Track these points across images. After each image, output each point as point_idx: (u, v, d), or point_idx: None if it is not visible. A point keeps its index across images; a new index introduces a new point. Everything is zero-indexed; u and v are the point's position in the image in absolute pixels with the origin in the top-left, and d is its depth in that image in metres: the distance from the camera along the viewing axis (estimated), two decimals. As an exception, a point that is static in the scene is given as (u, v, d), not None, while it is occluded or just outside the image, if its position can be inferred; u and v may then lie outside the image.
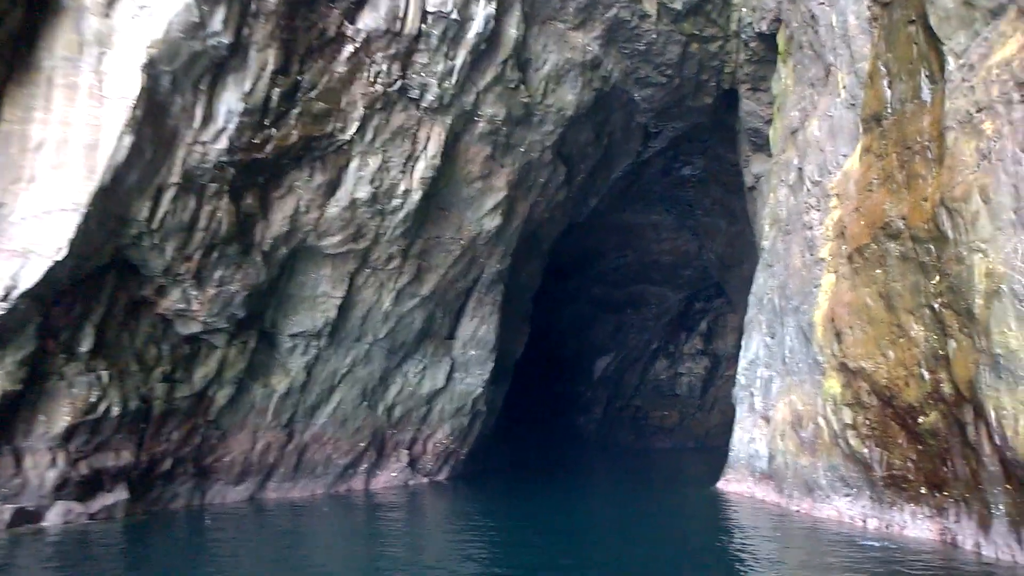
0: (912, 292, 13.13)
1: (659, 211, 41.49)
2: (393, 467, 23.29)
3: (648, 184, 38.65)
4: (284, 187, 17.39)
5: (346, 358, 20.59)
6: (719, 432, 49.39)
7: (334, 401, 20.73)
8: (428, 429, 24.21)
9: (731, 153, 36.55)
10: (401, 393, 22.76)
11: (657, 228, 42.33)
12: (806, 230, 17.56)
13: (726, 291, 45.16)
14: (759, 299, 22.41)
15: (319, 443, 20.75)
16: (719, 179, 38.12)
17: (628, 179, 35.72)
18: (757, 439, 20.77)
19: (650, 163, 35.93)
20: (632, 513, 19.69)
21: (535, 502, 21.86)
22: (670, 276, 44.89)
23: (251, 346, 18.26)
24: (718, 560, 13.31)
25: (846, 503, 15.88)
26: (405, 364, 22.59)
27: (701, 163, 37.51)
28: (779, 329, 19.70)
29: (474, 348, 24.54)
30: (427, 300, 21.85)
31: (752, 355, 22.58)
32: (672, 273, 44.72)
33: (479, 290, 24.01)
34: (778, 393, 19.42)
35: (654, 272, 44.54)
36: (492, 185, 21.87)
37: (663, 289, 45.55)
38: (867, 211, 14.48)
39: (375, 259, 19.79)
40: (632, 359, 47.97)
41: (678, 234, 42.78)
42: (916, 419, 13.26)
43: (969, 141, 11.63)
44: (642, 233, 42.50)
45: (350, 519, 18.86)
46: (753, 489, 20.68)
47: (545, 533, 16.14)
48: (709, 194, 39.62)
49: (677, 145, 35.84)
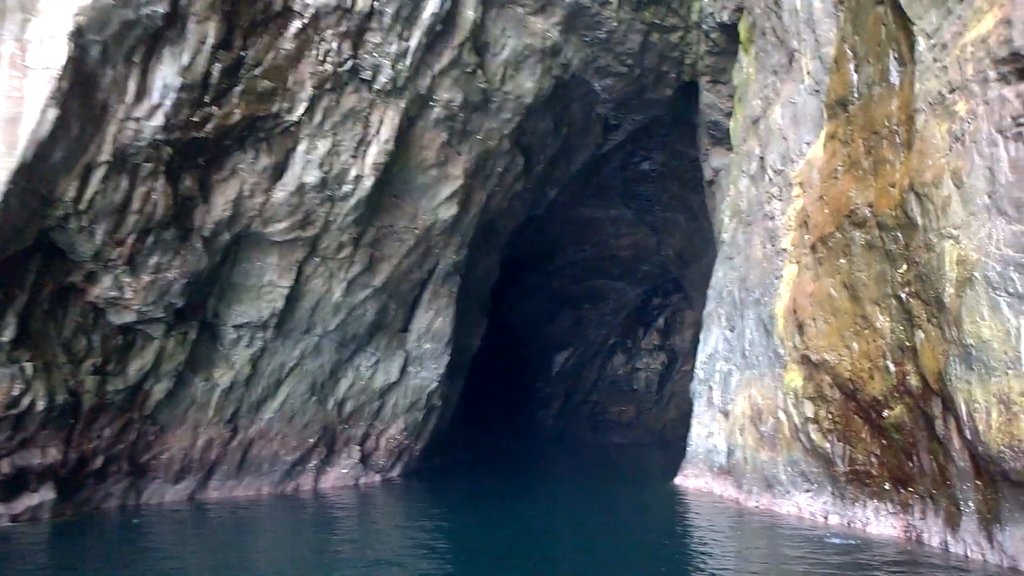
0: (878, 282, 12.52)
1: (618, 206, 40.90)
2: (344, 464, 22.26)
3: (607, 179, 38.07)
4: (227, 169, 16.28)
5: (294, 351, 19.52)
6: (675, 427, 49.04)
7: (281, 395, 19.65)
8: (381, 424, 23.21)
9: (690, 148, 36.10)
10: (353, 387, 21.73)
11: (616, 223, 41.71)
12: (767, 220, 16.93)
13: (684, 286, 44.75)
14: (718, 292, 21.80)
15: (265, 439, 19.66)
16: (678, 174, 37.65)
17: (587, 173, 35.08)
18: (716, 434, 20.15)
19: (609, 157, 35.32)
20: (589, 510, 18.94)
21: (490, 499, 21.04)
22: (628, 271, 44.34)
23: (191, 337, 17.11)
24: (678, 559, 12.59)
25: (807, 499, 15.27)
26: (357, 357, 21.57)
27: (660, 158, 37.00)
28: (739, 322, 19.09)
29: (429, 341, 23.60)
30: (380, 291, 20.85)
31: (711, 349, 21.98)
32: (630, 268, 44.17)
33: (434, 282, 23.07)
34: (737, 387, 18.81)
35: (613, 267, 43.95)
36: (448, 173, 20.93)
37: (621, 284, 44.99)
38: (831, 199, 13.86)
39: (325, 248, 18.75)
40: (590, 354, 47.35)
41: (637, 229, 42.22)
42: (881, 413, 12.66)
43: (941, 123, 11.01)
44: (601, 228, 41.87)
45: (295, 518, 17.82)
46: (711, 484, 20.06)
47: (499, 532, 15.32)
48: (668, 189, 39.13)
49: (636, 139, 35.32)
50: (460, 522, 17.09)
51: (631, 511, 18.32)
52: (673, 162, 36.94)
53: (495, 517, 17.53)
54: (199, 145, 15.42)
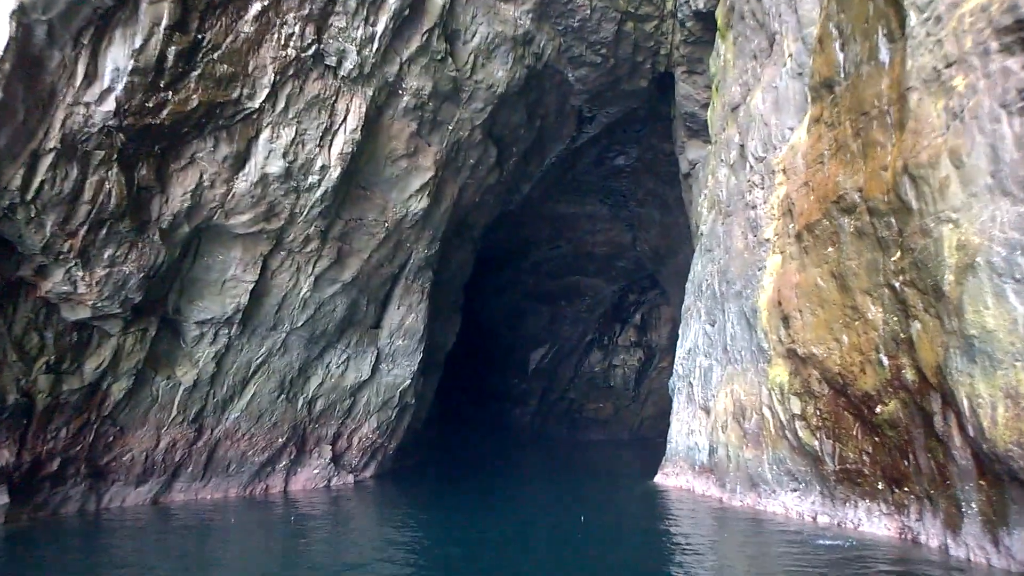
0: (869, 271, 11.76)
1: (593, 202, 40.16)
2: (315, 464, 21.27)
3: (582, 174, 37.33)
4: (185, 158, 15.23)
5: (261, 348, 18.49)
6: (653, 424, 48.41)
7: (248, 394, 18.62)
8: (353, 423, 22.24)
9: (665, 143, 35.46)
10: (323, 385, 20.74)
11: (591, 219, 40.96)
12: (749, 210, 16.17)
13: (660, 282, 44.12)
14: (697, 286, 21.05)
15: (232, 439, 18.62)
16: (653, 169, 36.99)
17: (562, 167, 34.30)
18: (696, 431, 19.41)
19: (584, 152, 34.56)
20: (568, 510, 18.07)
21: (466, 500, 20.12)
22: (604, 267, 43.62)
23: (151, 334, 16.05)
24: (662, 562, 11.79)
25: (794, 498, 14.53)
26: (327, 354, 20.59)
27: (635, 152, 36.31)
28: (719, 316, 18.34)
29: (401, 338, 22.66)
30: (349, 286, 19.88)
31: (690, 344, 21.23)
32: (606, 264, 43.45)
33: (406, 277, 22.13)
34: (719, 383, 18.06)
35: (588, 263, 43.20)
36: (418, 164, 20.00)
37: (597, 280, 44.25)
38: (817, 185, 13.10)
39: (291, 241, 17.74)
40: (567, 351, 46.58)
41: (612, 225, 41.50)
42: (873, 409, 11.92)
43: (936, 101, 10.26)
44: (576, 224, 41.10)
45: (264, 521, 16.80)
46: (693, 483, 19.31)
47: (474, 534, 14.45)
48: (643, 185, 38.46)
49: (611, 134, 34.60)
50: (433, 524, 16.21)
51: (611, 512, 17.51)
52: (648, 157, 36.28)
53: (470, 519, 16.65)
54: (155, 132, 14.36)
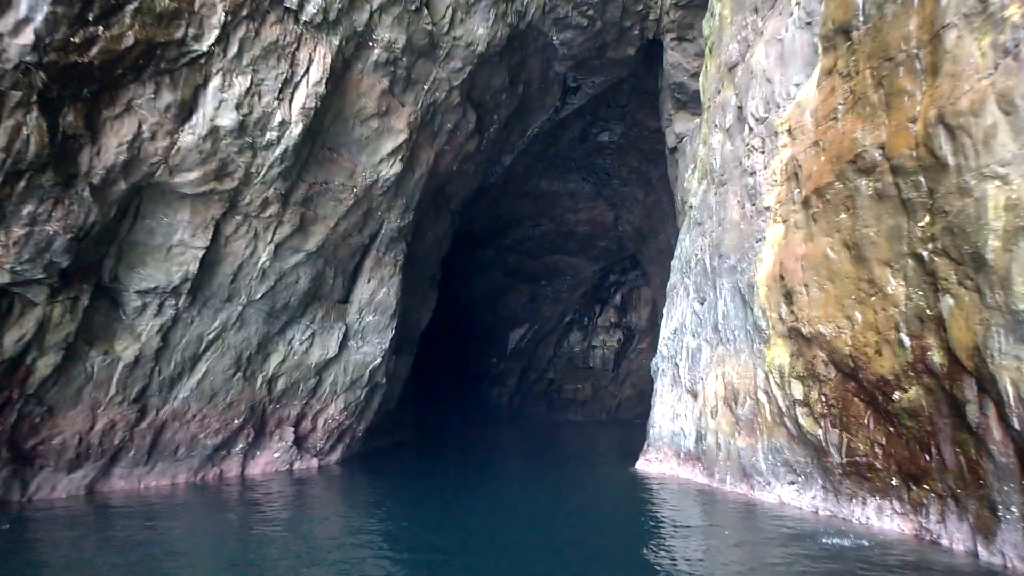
0: (890, 238, 10.03)
1: (576, 179, 38.39)
2: (275, 447, 19.42)
3: (565, 150, 35.53)
4: (120, 105, 13.22)
5: (214, 321, 16.55)
6: (630, 405, 46.88)
7: (199, 371, 16.69)
8: (318, 404, 20.37)
9: (651, 119, 33.70)
10: (285, 363, 18.83)
11: (574, 197, 39.18)
12: (747, 176, 14.40)
13: (641, 263, 42.43)
14: (685, 262, 19.30)
15: (181, 421, 16.71)
16: (638, 146, 35.24)
17: (545, 142, 32.49)
18: (682, 416, 17.72)
19: (568, 126, 32.75)
20: (547, 497, 16.33)
21: (439, 485, 18.25)
22: (585, 247, 41.87)
23: (84, 303, 14.07)
24: (653, 563, 10.08)
25: (791, 491, 12.85)
26: (289, 330, 18.67)
27: (620, 129, 34.56)
28: (710, 293, 16.61)
29: (372, 313, 20.78)
30: (314, 256, 17.95)
31: (676, 323, 19.50)
32: (588, 244, 41.70)
33: (377, 248, 20.21)
34: (708, 364, 16.36)
35: (570, 242, 41.45)
36: (391, 126, 18.05)
37: (578, 260, 42.51)
38: (830, 144, 11.32)
39: (247, 204, 15.78)
40: (546, 331, 44.86)
41: (595, 204, 39.74)
42: (890, 396, 10.22)
43: (981, 37, 8.50)
44: (558, 202, 39.31)
45: (214, 509, 14.92)
46: (677, 470, 17.64)
47: (447, 522, 12.68)
48: (627, 162, 36.70)
49: (596, 109, 32.84)
50: (404, 511, 14.41)
51: (592, 503, 15.76)
52: (633, 133, 34.54)
53: (443, 505, 14.87)
54: (83, 73, 12.34)
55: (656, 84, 30.63)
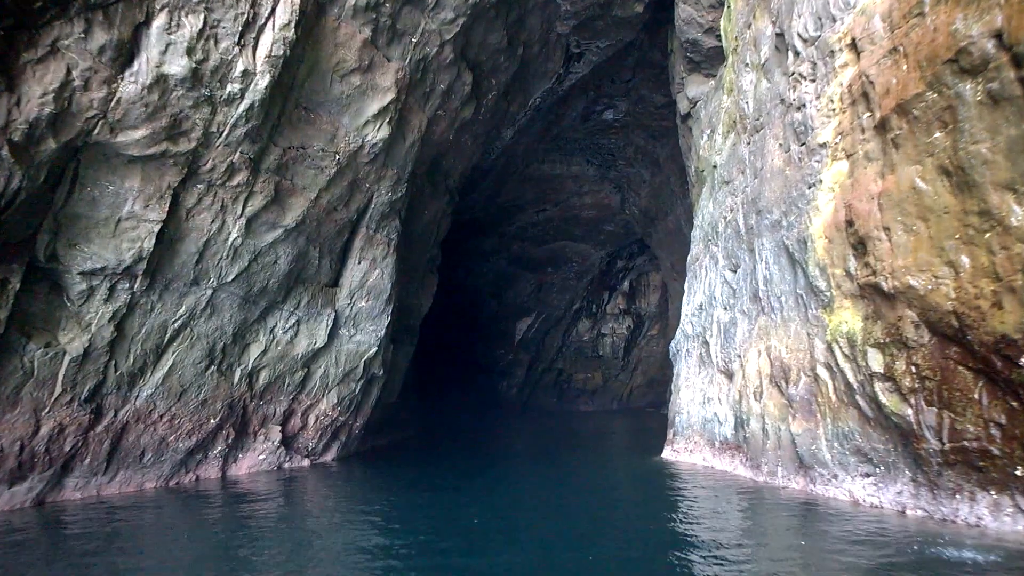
0: (1012, 153, 7.36)
1: (580, 161, 35.74)
2: (261, 448, 16.80)
3: (568, 130, 32.92)
4: (42, 46, 10.64)
5: (179, 307, 13.94)
6: (641, 394, 44.18)
7: (165, 365, 14.08)
8: (308, 399, 17.76)
9: (656, 93, 31.11)
10: (267, 354, 16.23)
11: (578, 180, 36.52)
12: (792, 112, 11.69)
13: (650, 247, 39.75)
14: (710, 229, 16.63)
15: (145, 423, 14.11)
16: (643, 123, 32.60)
17: (547, 121, 29.87)
18: (715, 400, 15.04)
19: (570, 103, 30.14)
20: (568, 493, 13.65)
21: (445, 484, 15.60)
22: (592, 232, 39.21)
23: (14, 287, 11.49)
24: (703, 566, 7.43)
25: (866, 486, 10.15)
26: (270, 317, 16.07)
27: (624, 106, 31.92)
28: (745, 258, 13.95)
29: (364, 298, 18.16)
30: (294, 233, 15.34)
31: (701, 298, 16.83)
32: (594, 229, 39.04)
33: (367, 225, 17.58)
34: (746, 340, 13.68)
35: (575, 228, 38.80)
36: (375, 83, 15.42)
37: (585, 246, 39.84)
38: (915, 47, 8.61)
39: (209, 170, 13.17)
40: (554, 320, 42.19)
41: (600, 187, 37.09)
42: (1015, 361, 7.55)
43: None
44: (562, 185, 36.65)
45: (182, 518, 12.29)
46: (712, 461, 14.97)
47: (454, 527, 10.07)
48: (632, 141, 34.04)
49: (599, 84, 30.27)
50: (405, 514, 11.77)
51: (620, 500, 13.09)
52: (638, 109, 31.89)
53: (450, 508, 12.21)
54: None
55: (662, 53, 28.06)
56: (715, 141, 16.56)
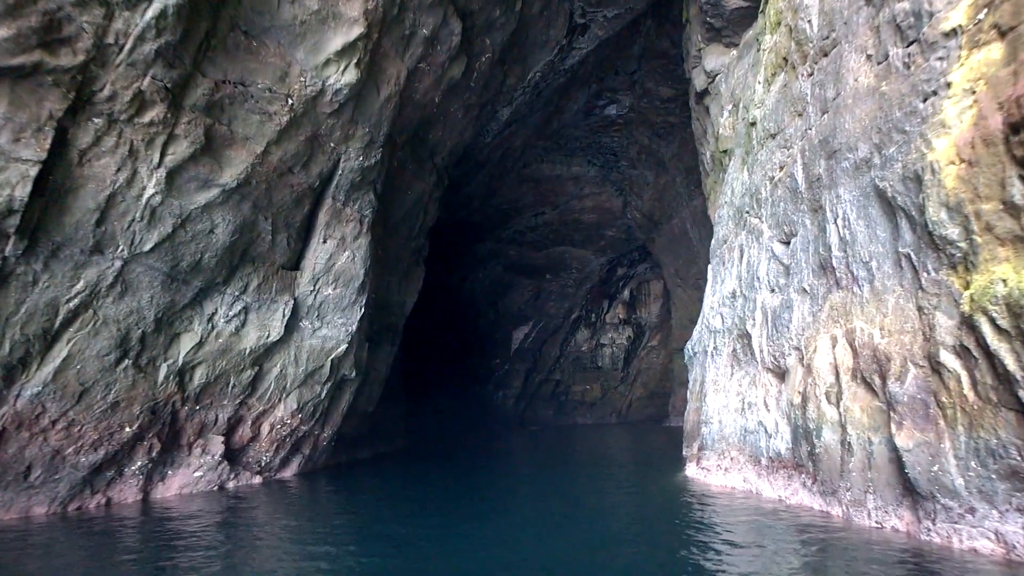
0: None
1: (580, 162, 32.17)
2: (197, 463, 12.92)
3: (569, 126, 29.39)
4: None
5: (75, 281, 10.17)
6: (641, 407, 40.28)
7: (57, 356, 10.28)
8: (260, 404, 13.91)
9: (663, 86, 27.66)
10: (203, 347, 12.41)
11: (578, 181, 32.91)
12: (893, 3, 8.02)
13: (652, 254, 36.05)
14: (746, 202, 12.91)
15: (31, 430, 10.28)
16: (647, 119, 29.08)
17: (546, 112, 26.36)
18: (758, 405, 11.22)
19: (571, 95, 26.69)
20: (579, 528, 9.78)
21: (428, 508, 11.67)
22: (592, 237, 35.53)
23: None
24: None
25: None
26: (208, 301, 12.29)
27: (628, 101, 28.46)
28: (806, 222, 10.19)
29: (331, 285, 14.40)
30: (236, 196, 11.61)
31: (733, 285, 13.08)
32: (594, 233, 35.37)
33: (334, 196, 13.87)
34: (808, 326, 9.89)
35: (575, 232, 35.13)
36: (339, 11, 11.76)
37: (584, 252, 36.14)
38: None
39: (107, 98, 9.48)
40: (552, 329, 38.36)
41: (601, 189, 33.48)
42: None
43: None
44: (562, 187, 33.02)
45: (62, 558, 8.43)
46: (756, 483, 11.10)
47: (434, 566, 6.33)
48: (636, 140, 30.48)
49: (603, 76, 26.94)
50: (371, 546, 7.97)
51: (642, 536, 9.26)
52: (643, 104, 28.40)
53: (431, 540, 8.37)
54: None
55: (671, 41, 24.76)
56: (756, 89, 12.89)
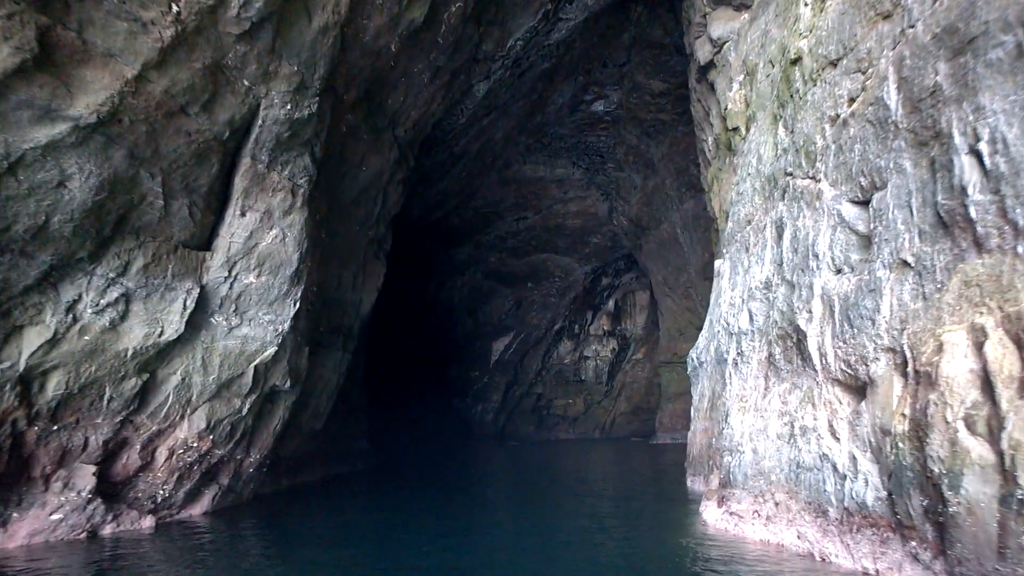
0: None
1: (565, 163, 28.71)
2: (54, 502, 9.04)
3: (553, 122, 25.95)
4: None
5: None
6: (625, 422, 36.53)
7: None
8: (152, 422, 10.07)
9: (654, 79, 24.37)
10: (58, 345, 8.61)
11: (562, 184, 29.41)
12: None
13: (638, 263, 32.54)
14: (788, 161, 9.36)
15: None
16: (637, 117, 25.73)
17: (530, 102, 22.93)
18: (820, 432, 7.52)
19: (556, 86, 23.32)
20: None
21: (386, 549, 7.82)
22: (576, 244, 31.98)
23: None
24: None
25: None
26: (65, 284, 8.51)
27: (616, 97, 25.17)
28: (905, 163, 6.59)
29: (254, 271, 10.64)
30: (100, 138, 7.90)
31: (767, 271, 9.48)
32: (578, 240, 31.82)
33: (254, 155, 10.14)
34: (914, 315, 6.24)
35: (558, 239, 31.55)
36: None
37: (568, 259, 32.55)
38: None
39: None
40: (533, 340, 34.63)
41: (586, 192, 29.99)
42: None
43: None
44: (545, 191, 29.49)
45: None
46: (821, 543, 7.27)
47: None
48: (624, 140, 27.09)
49: (590, 68, 23.68)
50: None
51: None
52: (632, 100, 25.05)
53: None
54: None
55: (663, 29, 21.64)
56: (798, 21, 9.38)
